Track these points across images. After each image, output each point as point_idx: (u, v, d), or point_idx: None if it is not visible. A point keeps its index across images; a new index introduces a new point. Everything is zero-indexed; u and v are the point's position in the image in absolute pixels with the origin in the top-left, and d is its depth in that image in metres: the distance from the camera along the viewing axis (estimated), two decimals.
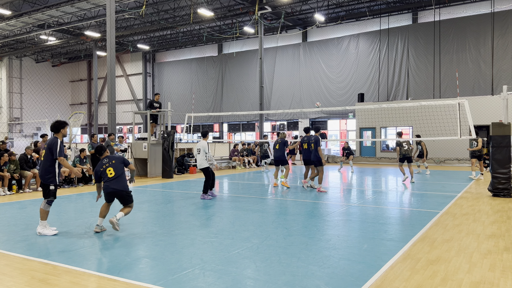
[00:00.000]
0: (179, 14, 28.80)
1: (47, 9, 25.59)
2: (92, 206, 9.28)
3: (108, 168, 6.66)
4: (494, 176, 10.21)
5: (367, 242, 5.91)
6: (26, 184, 11.85)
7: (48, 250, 5.64)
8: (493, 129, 10.35)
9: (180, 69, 37.39)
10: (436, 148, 22.47)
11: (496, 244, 5.77)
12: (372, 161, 24.09)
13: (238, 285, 4.25)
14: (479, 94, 23.74)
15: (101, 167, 6.69)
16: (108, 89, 16.85)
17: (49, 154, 6.38)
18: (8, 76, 38.73)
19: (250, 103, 31.98)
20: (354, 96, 27.59)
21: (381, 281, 4.34)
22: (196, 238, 6.18)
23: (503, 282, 4.31)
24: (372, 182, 14.33)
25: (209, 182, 10.33)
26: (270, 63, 31.85)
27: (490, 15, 24.23)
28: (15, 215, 8.25)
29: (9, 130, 37.41)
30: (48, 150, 6.37)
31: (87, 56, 40.24)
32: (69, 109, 42.82)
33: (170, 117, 17.70)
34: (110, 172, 6.61)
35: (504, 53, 23.86)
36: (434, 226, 6.88)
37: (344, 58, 28.92)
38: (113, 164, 6.67)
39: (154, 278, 4.46)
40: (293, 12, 27.77)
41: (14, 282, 4.41)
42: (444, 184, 13.20)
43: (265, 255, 5.25)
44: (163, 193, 11.45)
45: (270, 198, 10.58)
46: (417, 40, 26.49)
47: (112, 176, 6.62)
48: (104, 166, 6.69)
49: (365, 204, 9.40)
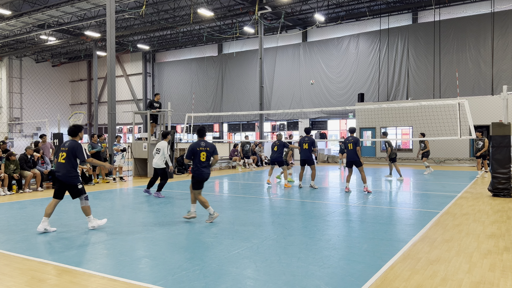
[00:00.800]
0: (179, 14, 28.80)
1: (47, 9, 25.59)
2: (93, 206, 9.28)
3: (202, 152, 7.23)
4: (494, 176, 10.20)
5: (367, 242, 5.91)
6: (26, 184, 11.85)
7: (48, 250, 5.64)
8: (493, 129, 10.35)
9: (180, 69, 37.39)
10: (436, 148, 22.47)
11: (496, 244, 5.77)
12: (372, 161, 24.09)
13: (238, 285, 4.25)
14: (479, 94, 23.73)
15: (198, 147, 7.25)
16: (108, 89, 16.84)
17: (71, 157, 6.67)
18: (8, 76, 38.73)
19: (250, 103, 31.98)
20: (354, 96, 27.59)
21: (381, 281, 4.34)
22: (196, 238, 6.19)
23: (503, 282, 4.31)
24: (372, 182, 14.33)
25: (165, 182, 10.68)
26: (270, 63, 31.85)
27: (490, 15, 24.23)
28: (15, 215, 8.25)
29: (9, 130, 37.41)
30: (70, 153, 6.66)
31: (87, 56, 40.23)
32: (69, 109, 42.82)
33: (170, 117, 17.70)
34: (203, 156, 7.16)
35: (504, 53, 23.86)
36: (434, 226, 6.88)
37: (344, 58, 28.92)
38: (207, 151, 7.30)
39: (154, 278, 4.46)
40: (293, 12, 27.77)
41: (14, 282, 4.41)
42: (444, 184, 13.20)
43: (265, 255, 5.25)
44: (163, 193, 11.45)
45: (270, 198, 10.58)
46: (417, 40, 26.49)
47: (204, 161, 7.24)
48: (199, 148, 7.25)
49: (365, 204, 9.40)
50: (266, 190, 11.98)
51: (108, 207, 9.27)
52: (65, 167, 6.67)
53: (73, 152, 6.66)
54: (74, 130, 6.85)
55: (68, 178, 6.67)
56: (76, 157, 6.70)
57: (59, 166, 6.74)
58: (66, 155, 6.67)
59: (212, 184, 13.83)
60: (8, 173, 11.42)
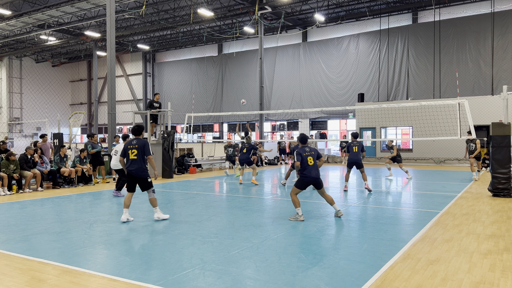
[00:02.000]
0: (179, 14, 28.81)
1: (47, 9, 25.59)
2: (92, 206, 9.29)
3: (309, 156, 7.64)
4: (494, 176, 10.20)
5: (367, 242, 5.91)
6: (26, 184, 11.85)
7: (48, 250, 5.64)
8: (493, 129, 10.35)
9: (180, 69, 37.39)
10: (436, 148, 22.48)
11: (496, 244, 5.77)
12: (372, 161, 24.09)
13: (238, 285, 4.25)
14: (479, 94, 23.73)
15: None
16: (108, 89, 16.84)
17: (141, 153, 7.40)
18: (8, 76, 38.73)
19: (250, 103, 31.98)
20: (354, 96, 27.59)
21: (381, 281, 4.34)
22: (196, 238, 6.19)
23: (503, 282, 4.31)
24: (372, 182, 14.32)
25: (125, 181, 10.79)
26: (270, 63, 31.85)
27: (490, 15, 24.23)
28: (15, 215, 8.25)
29: (9, 130, 37.40)
30: (140, 150, 7.39)
31: (87, 56, 40.23)
32: (69, 109, 42.83)
33: (170, 117, 17.70)
34: (310, 160, 7.47)
35: (504, 53, 23.86)
36: (434, 226, 6.88)
37: (344, 58, 28.92)
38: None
39: (154, 278, 4.46)
40: (293, 12, 27.78)
41: (14, 282, 4.40)
42: (444, 184, 13.20)
43: (265, 255, 5.25)
44: (163, 193, 11.45)
45: (270, 198, 10.58)
46: (417, 40, 26.50)
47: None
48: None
49: (365, 204, 9.40)
50: (265, 190, 11.99)
51: (108, 207, 9.27)
52: (137, 163, 7.37)
53: (143, 148, 7.38)
54: (138, 130, 7.62)
55: (140, 173, 7.37)
56: (144, 153, 7.38)
57: (132, 162, 7.38)
58: (137, 152, 7.36)
59: (212, 184, 13.84)
60: (8, 173, 11.42)
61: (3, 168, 11.44)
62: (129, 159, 7.43)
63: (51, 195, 11.13)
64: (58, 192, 11.87)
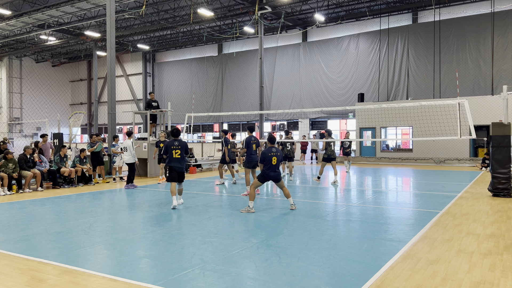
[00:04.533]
0: (179, 14, 28.80)
1: (47, 9, 25.58)
2: (92, 206, 9.29)
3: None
4: (494, 176, 10.20)
5: (367, 242, 5.91)
6: (26, 184, 11.85)
7: (48, 250, 5.64)
8: (493, 129, 10.35)
9: (180, 69, 37.39)
10: (436, 148, 22.49)
11: (496, 244, 5.77)
12: (372, 161, 24.09)
13: (238, 285, 4.25)
14: (479, 94, 23.73)
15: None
16: (108, 89, 16.84)
17: (183, 153, 8.82)
18: (8, 76, 38.72)
19: (250, 103, 31.98)
20: (354, 96, 27.59)
21: (381, 281, 4.34)
22: (196, 238, 6.18)
23: (503, 282, 4.30)
24: (372, 182, 14.33)
25: (133, 175, 12.61)
26: (270, 63, 31.84)
27: (490, 15, 24.23)
28: (15, 215, 8.25)
29: (9, 130, 37.39)
30: (183, 150, 8.78)
31: (87, 56, 40.22)
32: (69, 109, 42.82)
33: (170, 117, 17.70)
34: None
35: (504, 53, 23.86)
36: (434, 226, 6.88)
37: (344, 58, 28.92)
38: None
39: (154, 278, 4.46)
40: (293, 12, 27.77)
41: (14, 282, 4.40)
42: (444, 184, 13.20)
43: (265, 255, 5.25)
44: (163, 193, 11.45)
45: (270, 198, 10.58)
46: (417, 40, 26.49)
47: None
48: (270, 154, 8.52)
49: (365, 204, 9.40)
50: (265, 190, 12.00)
51: (108, 207, 9.27)
52: (180, 161, 8.79)
53: (185, 149, 8.81)
54: (177, 133, 8.95)
55: (183, 168, 8.82)
56: (186, 152, 8.83)
57: (176, 160, 8.74)
58: (180, 151, 8.73)
59: (212, 184, 13.83)
60: (7, 173, 11.41)
61: (2, 167, 11.43)
62: (172, 157, 8.67)
63: (51, 195, 11.14)
64: (58, 192, 11.87)
